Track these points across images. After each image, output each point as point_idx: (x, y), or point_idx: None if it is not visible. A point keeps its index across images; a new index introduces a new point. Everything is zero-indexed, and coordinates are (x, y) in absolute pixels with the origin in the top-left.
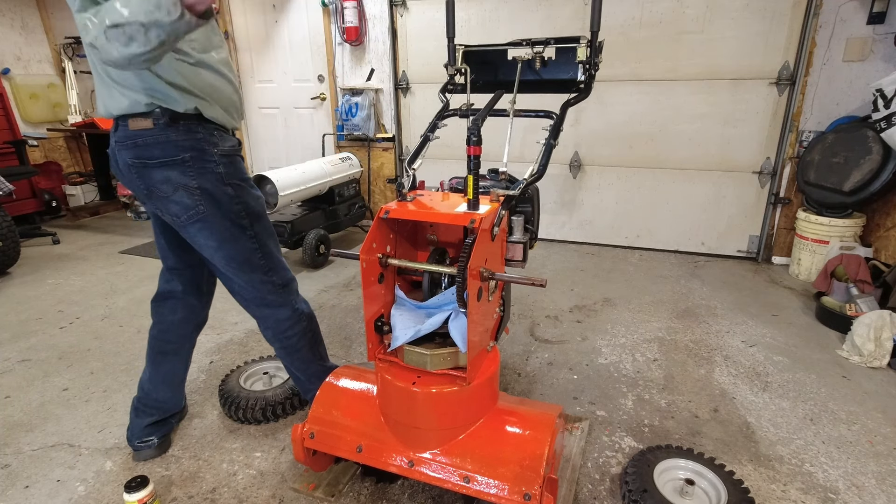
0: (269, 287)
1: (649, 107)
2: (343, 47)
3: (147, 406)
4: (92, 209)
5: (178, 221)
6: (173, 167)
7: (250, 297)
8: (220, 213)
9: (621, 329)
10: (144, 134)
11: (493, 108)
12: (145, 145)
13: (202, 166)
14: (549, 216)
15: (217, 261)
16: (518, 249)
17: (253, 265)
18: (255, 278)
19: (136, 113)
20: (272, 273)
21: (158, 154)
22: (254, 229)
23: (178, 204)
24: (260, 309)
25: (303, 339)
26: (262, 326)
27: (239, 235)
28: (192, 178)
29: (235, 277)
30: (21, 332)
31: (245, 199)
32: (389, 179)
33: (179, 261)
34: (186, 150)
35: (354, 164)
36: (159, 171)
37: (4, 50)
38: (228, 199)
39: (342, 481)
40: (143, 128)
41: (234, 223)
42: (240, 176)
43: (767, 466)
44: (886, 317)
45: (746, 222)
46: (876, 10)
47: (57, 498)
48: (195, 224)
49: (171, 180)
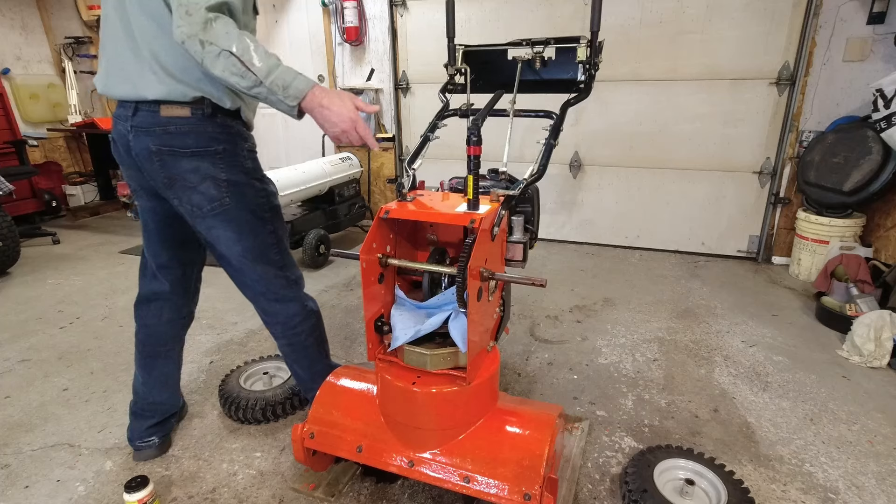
0: (282, 282)
1: (649, 107)
2: (343, 47)
3: (145, 410)
4: (92, 209)
5: (199, 212)
6: (204, 158)
7: (262, 291)
8: (243, 206)
9: (621, 329)
10: (178, 121)
11: (493, 108)
12: (179, 133)
13: (232, 160)
14: (549, 216)
15: (234, 254)
16: (518, 249)
17: (268, 259)
18: (270, 272)
19: (172, 101)
20: (285, 269)
21: (191, 143)
22: (273, 223)
23: (202, 195)
24: (271, 304)
25: (311, 336)
26: (271, 322)
27: (259, 229)
28: (221, 170)
29: (250, 271)
30: (21, 332)
31: (268, 194)
32: (389, 179)
33: (173, 258)
34: (220, 142)
35: (354, 164)
36: (189, 161)
37: (4, 50)
38: (254, 193)
39: (342, 481)
40: (179, 115)
41: (256, 216)
42: (261, 172)
43: (767, 466)
44: (886, 317)
45: (746, 222)
46: (876, 10)
47: (57, 498)
48: (218, 216)
49: (200, 170)
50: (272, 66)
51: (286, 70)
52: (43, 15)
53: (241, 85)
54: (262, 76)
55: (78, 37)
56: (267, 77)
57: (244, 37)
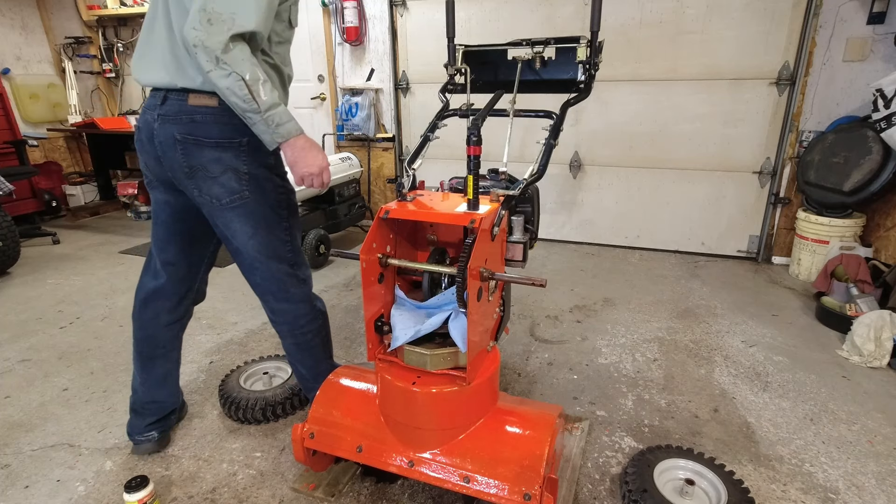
0: (293, 280)
1: (649, 107)
2: (343, 47)
3: (144, 407)
4: (92, 209)
5: (217, 204)
6: (228, 149)
7: (272, 288)
8: (262, 200)
9: (621, 329)
10: (205, 111)
11: (493, 108)
12: (204, 123)
13: (255, 153)
14: (549, 216)
15: (248, 248)
16: (518, 249)
17: (281, 256)
18: (282, 269)
19: (201, 90)
20: (297, 267)
21: (216, 134)
22: (289, 221)
23: (223, 186)
24: (280, 302)
25: (317, 336)
26: (279, 320)
27: (275, 225)
28: (244, 162)
29: (262, 267)
30: (21, 332)
31: (287, 191)
32: (389, 179)
33: (180, 255)
34: (245, 134)
35: (354, 164)
36: (212, 151)
37: (4, 50)
38: (274, 188)
39: (342, 481)
40: (206, 105)
41: (273, 212)
42: (283, 169)
43: (767, 466)
44: (886, 317)
45: (746, 222)
46: (876, 10)
47: (57, 498)
48: (236, 209)
49: (223, 161)
50: (273, 104)
51: (284, 112)
52: (43, 15)
53: (239, 106)
54: (263, 108)
55: (78, 37)
56: (266, 111)
57: (257, 69)
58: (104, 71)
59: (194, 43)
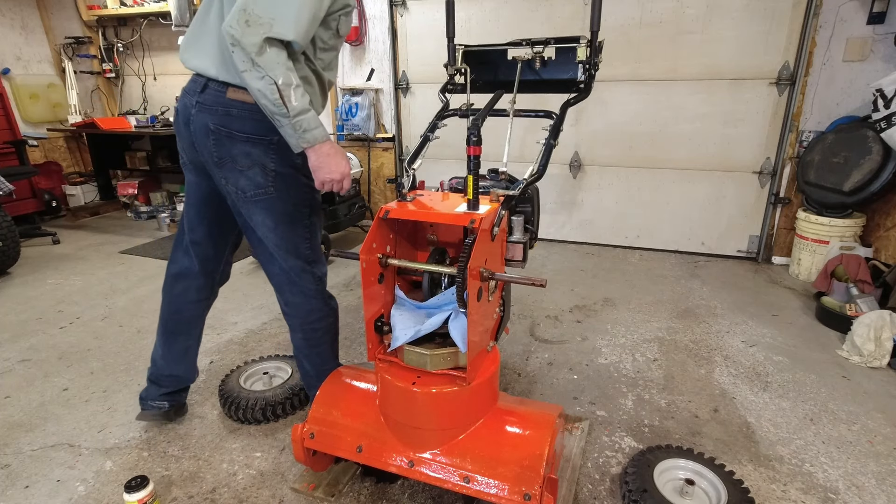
0: (309, 277)
1: (649, 107)
2: (343, 47)
3: (160, 379)
4: (92, 209)
5: (243, 196)
6: (258, 145)
7: (288, 282)
8: (286, 197)
9: (621, 329)
10: (241, 106)
11: (493, 108)
12: (238, 117)
13: (285, 152)
14: (549, 216)
15: (268, 241)
16: (518, 249)
17: (299, 253)
18: (298, 265)
19: (241, 85)
20: (314, 264)
21: (249, 129)
22: (310, 219)
23: (250, 180)
24: (294, 296)
25: (327, 334)
26: (291, 313)
27: (297, 222)
28: (272, 160)
29: (281, 261)
30: (21, 332)
31: (312, 190)
32: (389, 179)
33: (207, 236)
34: (277, 133)
35: (354, 164)
36: (243, 145)
37: (4, 50)
38: (298, 187)
39: (342, 481)
40: (243, 100)
41: (296, 209)
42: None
43: (767, 466)
44: (886, 317)
45: (746, 222)
46: (876, 10)
47: (57, 498)
48: (259, 202)
49: (252, 156)
50: (303, 109)
51: (313, 117)
52: (43, 15)
53: (268, 108)
54: (293, 113)
55: (78, 37)
56: (296, 116)
57: (291, 73)
58: (104, 71)
59: (230, 40)
